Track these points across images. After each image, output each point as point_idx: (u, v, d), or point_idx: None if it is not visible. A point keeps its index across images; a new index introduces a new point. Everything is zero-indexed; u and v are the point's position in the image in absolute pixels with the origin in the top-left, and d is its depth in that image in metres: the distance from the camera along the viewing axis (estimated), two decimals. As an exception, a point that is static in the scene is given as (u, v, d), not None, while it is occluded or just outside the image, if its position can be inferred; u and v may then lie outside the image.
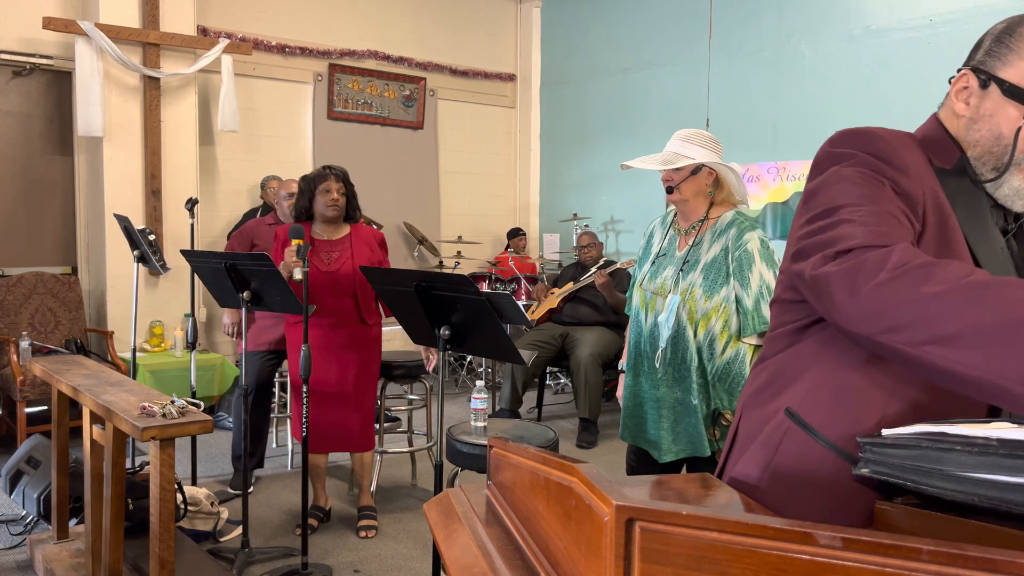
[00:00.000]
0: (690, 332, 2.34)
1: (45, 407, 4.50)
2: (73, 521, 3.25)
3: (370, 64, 6.54)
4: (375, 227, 5.82)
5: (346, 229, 3.53)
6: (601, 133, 6.84)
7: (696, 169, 2.39)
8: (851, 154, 1.08)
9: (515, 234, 6.94)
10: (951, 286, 0.84)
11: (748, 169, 5.69)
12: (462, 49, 7.13)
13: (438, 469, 2.50)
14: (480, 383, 3.04)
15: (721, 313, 2.32)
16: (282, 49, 6.07)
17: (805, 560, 0.66)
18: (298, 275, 3.04)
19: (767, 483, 1.16)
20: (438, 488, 2.49)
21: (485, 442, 2.46)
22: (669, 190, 2.42)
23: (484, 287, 6.13)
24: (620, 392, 2.65)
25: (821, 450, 1.11)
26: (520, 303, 5.97)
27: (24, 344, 4.37)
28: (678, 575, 0.70)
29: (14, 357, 4.40)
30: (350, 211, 3.52)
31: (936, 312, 0.84)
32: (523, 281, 6.16)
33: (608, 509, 0.72)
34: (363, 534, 3.53)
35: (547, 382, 6.45)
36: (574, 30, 7.12)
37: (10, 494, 3.39)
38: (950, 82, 1.17)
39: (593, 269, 5.35)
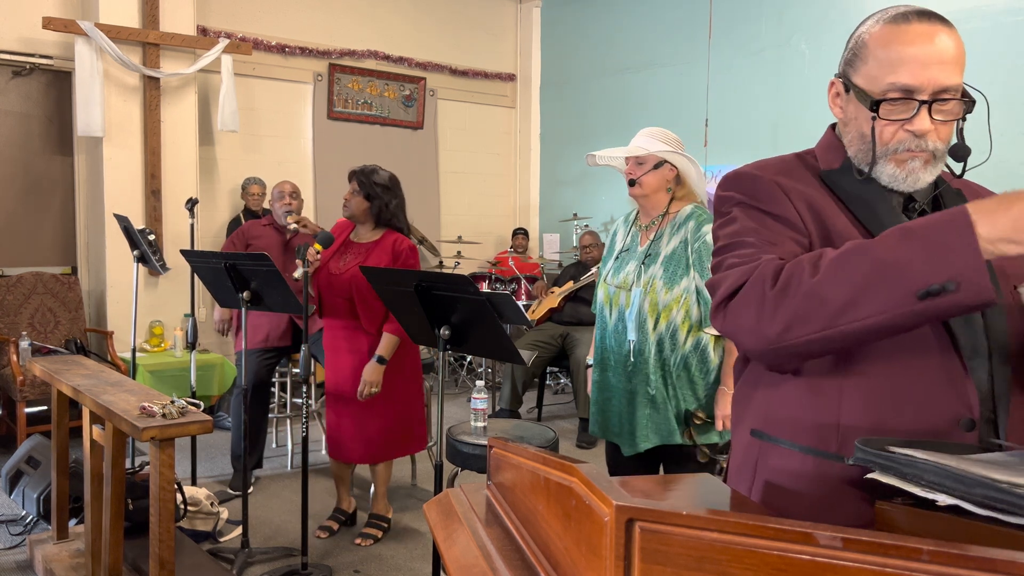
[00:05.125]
0: (650, 324, 2.41)
1: (45, 407, 4.50)
2: (73, 521, 3.25)
3: (370, 64, 6.54)
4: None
5: (378, 234, 3.37)
6: (601, 133, 6.83)
7: (659, 164, 2.46)
8: (731, 196, 1.24)
9: (516, 233, 6.95)
10: (823, 269, 1.00)
11: (748, 169, 5.69)
12: (462, 49, 7.12)
13: (438, 469, 2.49)
14: (480, 383, 3.04)
15: (682, 304, 2.39)
16: (282, 49, 6.07)
17: (805, 560, 0.66)
18: (296, 274, 3.03)
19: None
20: (438, 488, 2.49)
21: (485, 442, 2.46)
22: (631, 183, 2.49)
23: (484, 287, 6.13)
24: (588, 388, 2.72)
25: (798, 461, 1.15)
26: (520, 303, 5.97)
27: (24, 344, 4.37)
28: (678, 575, 0.70)
29: (14, 357, 4.40)
30: (383, 217, 3.34)
31: (825, 294, 0.99)
32: (523, 281, 6.16)
33: (608, 509, 0.72)
34: (358, 541, 3.44)
35: (547, 382, 6.45)
36: (574, 30, 7.12)
37: (10, 494, 3.39)
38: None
39: (593, 269, 5.36)
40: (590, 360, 2.74)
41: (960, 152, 1.16)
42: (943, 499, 0.85)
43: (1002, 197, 0.93)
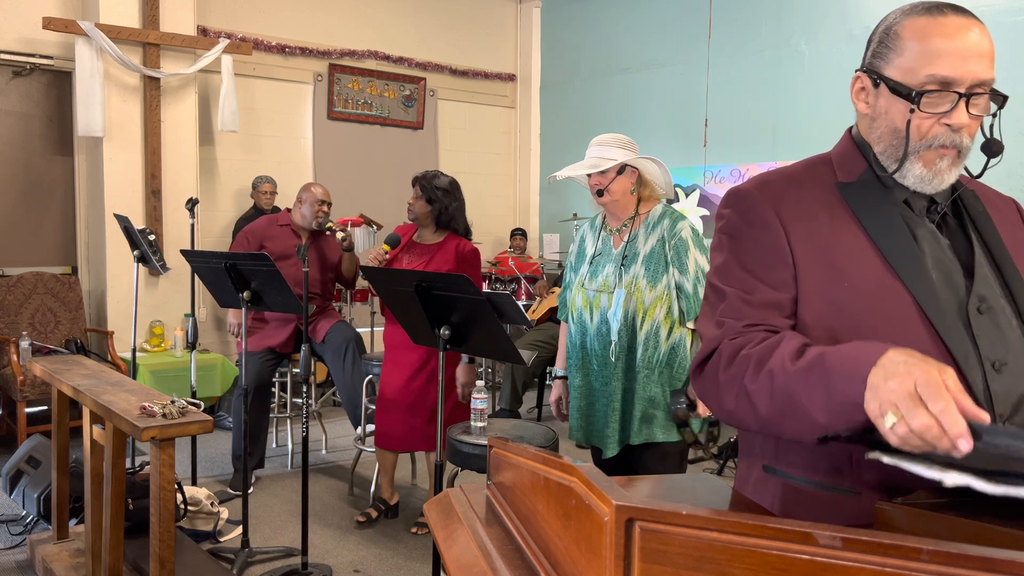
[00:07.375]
0: (638, 322, 2.45)
1: (45, 407, 4.50)
2: (73, 521, 3.25)
3: (370, 64, 6.54)
4: (375, 227, 5.82)
5: (440, 237, 3.55)
6: (601, 133, 6.82)
7: (621, 169, 2.54)
8: (727, 215, 1.23)
9: (514, 234, 6.94)
10: (761, 377, 1.05)
11: (748, 169, 5.69)
12: (462, 49, 7.12)
13: (438, 469, 2.50)
14: (480, 383, 3.04)
15: (664, 301, 2.44)
16: (282, 49, 6.07)
17: (805, 560, 0.66)
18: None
19: None
20: (438, 488, 2.49)
21: (485, 442, 2.46)
22: (599, 193, 2.56)
23: (484, 287, 6.13)
24: (553, 398, 2.75)
25: (814, 492, 1.14)
26: (520, 303, 5.97)
27: (24, 344, 4.37)
28: (678, 575, 0.70)
29: (14, 357, 4.40)
30: (443, 220, 3.52)
31: (755, 403, 1.06)
32: (523, 281, 6.16)
33: (608, 509, 0.72)
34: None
35: (547, 382, 6.44)
36: (574, 30, 7.12)
37: (10, 494, 3.39)
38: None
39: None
40: (559, 371, 2.77)
41: (994, 148, 1.14)
42: (952, 478, 0.80)
43: (906, 367, 0.88)
